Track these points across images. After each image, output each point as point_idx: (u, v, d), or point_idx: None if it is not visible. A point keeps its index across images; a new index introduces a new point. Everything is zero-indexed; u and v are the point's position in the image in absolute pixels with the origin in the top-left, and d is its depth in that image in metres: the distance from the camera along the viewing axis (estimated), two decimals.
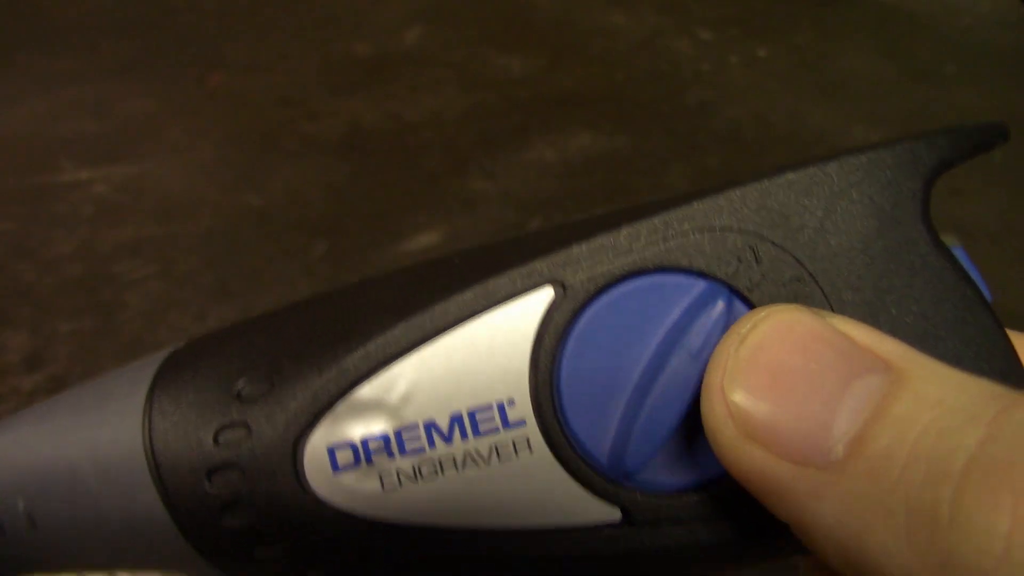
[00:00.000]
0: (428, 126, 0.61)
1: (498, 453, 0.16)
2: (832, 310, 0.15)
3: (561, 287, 0.16)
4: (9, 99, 0.63)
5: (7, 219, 0.52)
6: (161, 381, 0.17)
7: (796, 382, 0.13)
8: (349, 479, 0.16)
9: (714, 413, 0.14)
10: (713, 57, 0.71)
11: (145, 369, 0.18)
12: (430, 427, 0.16)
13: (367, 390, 0.16)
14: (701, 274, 0.16)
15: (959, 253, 0.18)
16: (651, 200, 0.16)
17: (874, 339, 0.14)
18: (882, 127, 0.63)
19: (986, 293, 0.17)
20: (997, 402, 0.12)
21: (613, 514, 0.16)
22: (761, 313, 0.14)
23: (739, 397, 0.13)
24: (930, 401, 0.12)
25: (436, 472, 0.16)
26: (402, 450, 0.16)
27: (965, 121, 0.18)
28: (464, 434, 0.16)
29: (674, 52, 0.71)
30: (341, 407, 0.16)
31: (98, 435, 0.17)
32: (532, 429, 0.16)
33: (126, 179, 0.55)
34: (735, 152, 0.60)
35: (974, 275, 0.17)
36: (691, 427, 0.16)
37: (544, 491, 0.16)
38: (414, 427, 0.16)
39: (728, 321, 0.15)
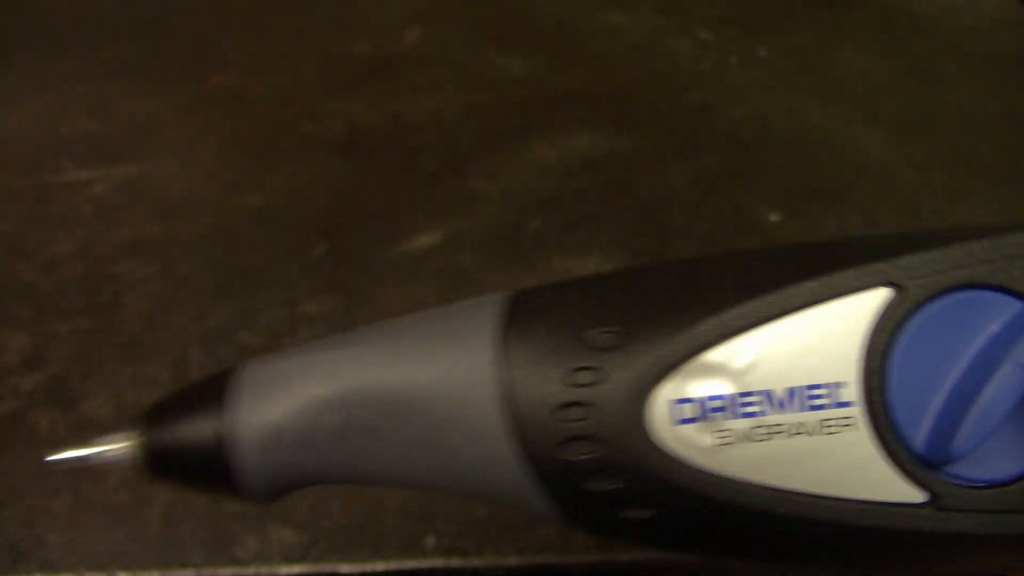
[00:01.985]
0: (428, 126, 0.61)
1: (824, 427, 0.18)
2: None
3: (898, 289, 0.18)
4: (9, 99, 0.63)
5: (7, 219, 0.52)
6: (512, 321, 0.20)
7: None
8: (688, 431, 0.18)
9: None
10: (713, 57, 0.71)
11: (491, 307, 0.20)
12: (768, 395, 0.18)
13: (714, 355, 0.18)
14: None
15: None
16: (980, 225, 0.19)
17: None
18: (882, 127, 0.63)
19: None
20: None
21: (920, 496, 0.18)
22: None
23: None
24: None
25: (767, 436, 0.18)
26: (740, 412, 0.18)
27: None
28: (797, 406, 0.18)
29: (674, 52, 0.71)
30: (689, 367, 0.18)
31: (450, 361, 0.20)
32: (858, 411, 0.18)
33: (126, 179, 0.55)
34: (735, 152, 0.60)
35: None
36: (1011, 429, 0.18)
37: (860, 466, 0.18)
38: (754, 394, 0.18)
39: None
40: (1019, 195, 0.58)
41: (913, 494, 0.18)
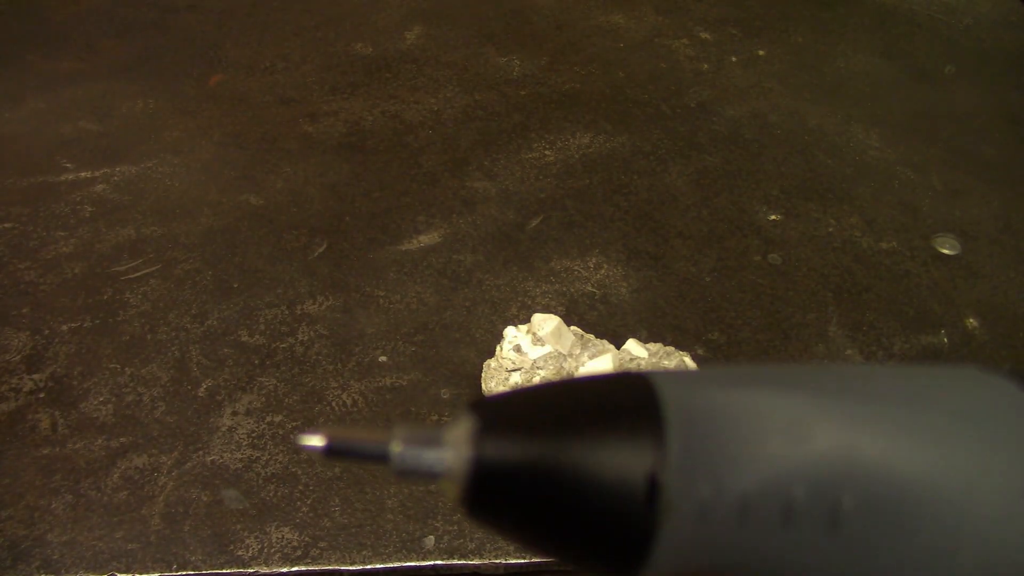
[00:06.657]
0: (428, 126, 0.61)
1: None
2: None
3: None
4: (10, 99, 0.63)
5: (7, 219, 0.52)
6: None
7: None
8: None
9: None
10: (713, 57, 0.71)
11: (1006, 386, 0.15)
12: None
13: None
14: None
15: None
16: None
17: None
18: (882, 127, 0.63)
19: None
20: None
21: None
22: None
23: None
24: None
25: None
26: None
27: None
28: None
29: (674, 52, 0.71)
30: None
31: (975, 449, 0.14)
32: None
33: (126, 179, 0.55)
34: (735, 152, 0.60)
35: None
36: None
37: None
38: None
39: None
40: (1019, 195, 0.58)
41: None
